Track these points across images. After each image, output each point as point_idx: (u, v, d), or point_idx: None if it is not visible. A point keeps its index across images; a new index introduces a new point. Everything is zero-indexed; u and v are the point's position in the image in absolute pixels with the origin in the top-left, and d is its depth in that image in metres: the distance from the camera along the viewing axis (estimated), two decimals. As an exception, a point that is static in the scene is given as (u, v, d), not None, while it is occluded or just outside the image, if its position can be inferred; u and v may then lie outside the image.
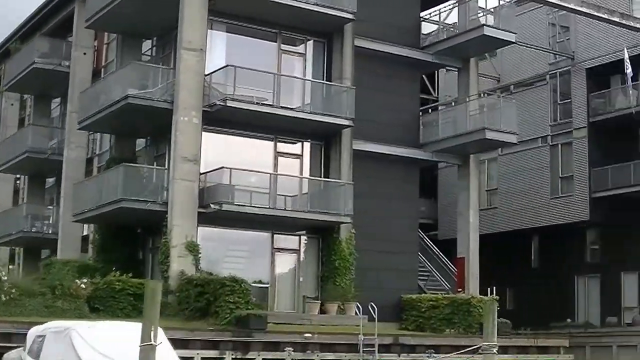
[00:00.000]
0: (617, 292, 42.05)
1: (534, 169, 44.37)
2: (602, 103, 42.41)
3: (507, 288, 45.85)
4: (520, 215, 44.55)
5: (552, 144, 43.86)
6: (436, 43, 35.40)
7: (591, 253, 43.75)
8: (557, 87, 44.16)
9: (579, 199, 42.37)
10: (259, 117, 30.77)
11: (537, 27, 45.27)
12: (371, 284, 32.58)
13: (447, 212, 47.50)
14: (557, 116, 44.09)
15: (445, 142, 34.77)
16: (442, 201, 48.26)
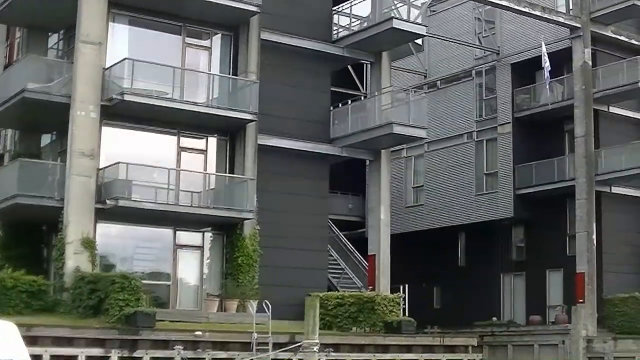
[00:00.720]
0: (542, 290, 42.29)
1: (460, 166, 44.60)
2: (526, 98, 42.65)
3: (435, 286, 46.21)
4: (447, 212, 44.80)
5: (478, 140, 44.13)
6: (347, 37, 35.43)
7: (517, 251, 43.96)
8: (483, 83, 44.42)
9: (503, 195, 42.61)
10: (160, 112, 30.59)
11: (464, 23, 45.55)
12: (278, 281, 32.58)
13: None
14: (482, 112, 44.34)
15: (354, 137, 34.75)
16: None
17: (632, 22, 43.37)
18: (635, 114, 42.17)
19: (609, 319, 39.62)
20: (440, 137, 45.62)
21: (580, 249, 39.24)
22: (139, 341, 26.00)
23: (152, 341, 26.13)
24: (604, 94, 40.37)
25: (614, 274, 40.66)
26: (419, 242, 46.50)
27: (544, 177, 41.34)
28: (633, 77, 39.67)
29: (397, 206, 46.95)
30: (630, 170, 39.33)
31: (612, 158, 40.03)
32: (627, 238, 41.47)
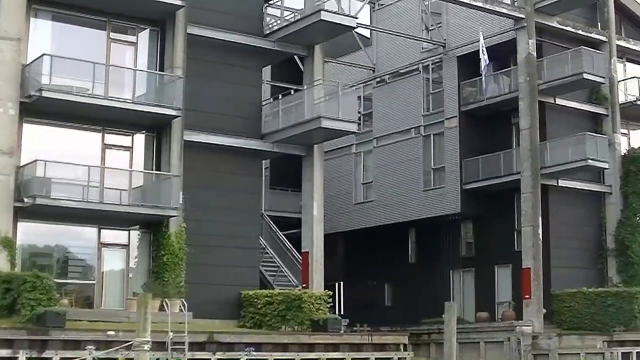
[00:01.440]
0: (491, 287, 42.14)
1: (408, 161, 44.47)
2: (473, 91, 42.51)
3: (386, 283, 46.14)
4: (396, 208, 44.65)
5: (425, 134, 43.98)
6: (278, 30, 35.24)
7: (466, 247, 43.87)
8: (430, 76, 44.32)
9: (450, 191, 42.47)
10: (83, 108, 30.43)
11: (411, 16, 45.44)
12: (208, 279, 32.52)
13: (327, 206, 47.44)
14: (429, 106, 44.22)
15: (285, 133, 34.52)
16: (321, 195, 48.27)
17: (580, 12, 43.42)
18: (582, 105, 42.05)
19: (558, 315, 39.52)
20: (389, 132, 45.51)
21: (526, 244, 39.17)
22: (49, 341, 25.83)
23: (62, 341, 25.95)
24: (549, 85, 40.26)
25: (563, 269, 40.51)
26: (369, 239, 46.44)
27: (491, 172, 41.16)
28: (578, 67, 39.55)
29: (346, 203, 47.01)
30: (575, 162, 39.20)
31: (558, 151, 39.89)
32: (576, 232, 41.34)
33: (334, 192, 47.52)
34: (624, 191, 42.16)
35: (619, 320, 38.11)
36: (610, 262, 41.85)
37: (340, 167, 47.72)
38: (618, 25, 44.80)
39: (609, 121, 42.56)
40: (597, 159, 39.28)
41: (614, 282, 41.35)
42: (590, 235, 42.07)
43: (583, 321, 38.66)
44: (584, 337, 37.42)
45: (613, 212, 42.17)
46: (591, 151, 39.14)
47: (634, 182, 42.03)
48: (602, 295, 38.72)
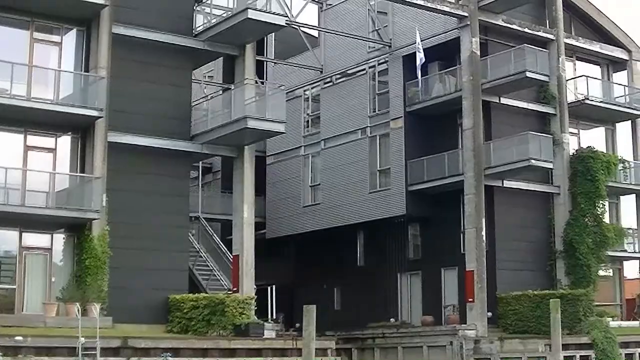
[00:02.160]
0: (438, 289, 41.83)
1: (355, 163, 44.18)
2: (418, 91, 42.24)
3: (335, 287, 45.87)
4: (343, 210, 44.36)
5: (371, 135, 43.70)
6: (208, 29, 34.89)
7: (413, 249, 43.57)
8: (376, 77, 44.07)
9: (396, 192, 42.17)
10: (3, 110, 30.18)
11: (358, 16, 45.18)
12: (135, 283, 32.18)
13: (276, 210, 47.44)
14: (376, 107, 43.96)
15: (213, 133, 34.13)
16: (270, 198, 48.08)
17: (529, 11, 43.25)
18: (529, 104, 41.77)
19: (503, 318, 39.27)
20: (337, 133, 45.24)
21: (469, 246, 38.88)
22: (-47, 347, 25.56)
23: (-33, 348, 25.67)
24: (493, 84, 39.96)
25: (509, 272, 40.27)
26: (319, 242, 46.19)
27: (436, 173, 40.85)
28: (521, 66, 39.27)
29: (295, 206, 46.74)
30: (518, 163, 38.88)
31: (501, 151, 39.62)
32: (523, 234, 41.08)
33: (283, 195, 47.39)
34: (572, 192, 41.89)
35: (563, 324, 37.62)
36: (559, 264, 41.60)
37: (289, 169, 47.49)
38: (568, 23, 44.55)
39: (557, 120, 42.31)
40: (540, 159, 38.93)
41: (563, 284, 41.08)
42: (539, 236, 41.80)
43: (528, 324, 38.42)
44: (526, 340, 37.12)
45: (561, 213, 41.92)
46: (534, 151, 38.81)
47: (582, 182, 41.76)
48: (547, 298, 38.12)
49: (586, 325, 37.57)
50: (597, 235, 41.52)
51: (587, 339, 37.20)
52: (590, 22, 45.57)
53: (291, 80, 47.36)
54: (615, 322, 41.52)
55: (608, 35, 45.81)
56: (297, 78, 47.29)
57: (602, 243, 41.62)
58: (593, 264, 41.17)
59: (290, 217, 46.80)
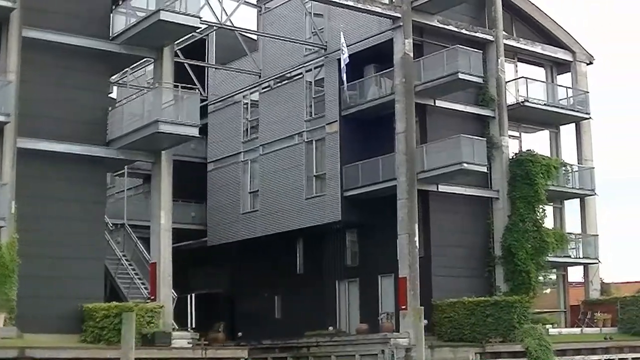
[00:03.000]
0: (375, 297, 40.89)
1: (292, 168, 43.28)
2: (354, 95, 41.46)
3: (276, 295, 45.02)
4: (280, 217, 43.47)
5: (307, 140, 42.85)
6: (123, 32, 34.00)
7: (351, 256, 42.70)
8: (312, 81, 43.26)
9: (331, 198, 41.26)
10: None
11: (296, 19, 44.38)
12: (47, 292, 31.21)
13: (217, 217, 46.66)
14: (312, 111, 43.15)
15: (128, 138, 33.17)
16: (211, 205, 47.28)
17: (467, 11, 42.49)
18: (465, 107, 40.96)
19: (438, 326, 38.37)
20: (275, 139, 44.40)
21: (402, 253, 37.99)
22: None
23: None
24: (426, 86, 39.11)
25: (446, 278, 39.41)
26: (259, 249, 45.35)
27: (371, 178, 40.00)
28: (453, 67, 38.39)
29: (234, 213, 45.93)
30: (450, 167, 38.01)
31: (435, 155, 38.75)
32: (461, 239, 40.23)
33: (224, 202, 46.55)
34: (511, 196, 41.05)
35: (498, 331, 36.98)
36: (498, 270, 40.75)
37: (229, 176, 46.65)
38: (509, 25, 43.77)
39: (496, 123, 41.53)
40: (473, 163, 38.03)
41: (502, 291, 40.23)
42: (478, 242, 40.96)
43: (463, 332, 37.53)
44: (456, 349, 36.22)
45: (500, 218, 41.07)
46: (467, 154, 37.92)
47: (521, 186, 40.92)
48: (481, 305, 37.55)
49: (520, 332, 36.63)
50: (536, 241, 40.65)
51: (520, 347, 36.25)
52: (533, 23, 44.71)
53: (232, 86, 46.60)
54: (555, 329, 40.74)
55: (551, 37, 44.99)
56: (238, 83, 46.47)
57: (542, 249, 40.76)
58: (532, 270, 40.29)
59: (230, 224, 45.97)
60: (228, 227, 46.02)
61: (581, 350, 38.12)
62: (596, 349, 38.64)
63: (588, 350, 38.34)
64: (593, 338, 40.09)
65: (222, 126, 47.52)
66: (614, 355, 38.92)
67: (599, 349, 38.72)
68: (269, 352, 41.67)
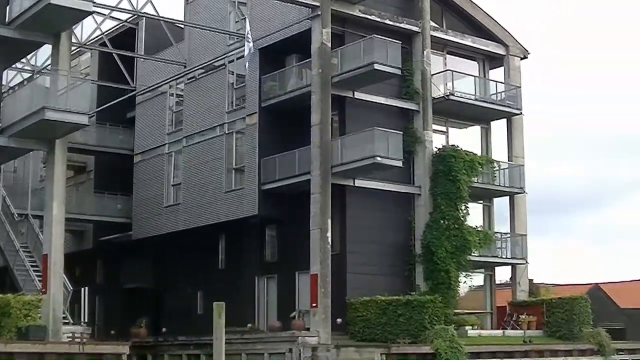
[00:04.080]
0: (292, 294, 38.44)
1: (213, 161, 40.88)
2: (274, 86, 39.05)
3: (199, 291, 42.68)
4: (202, 211, 41.11)
5: (228, 132, 40.45)
6: (17, 17, 31.60)
7: (270, 251, 40.29)
8: (234, 71, 40.86)
9: (249, 192, 38.86)
10: None
11: (221, 8, 41.96)
12: None
13: (142, 210, 44.41)
14: (233, 102, 40.76)
15: (18, 126, 30.96)
16: (137, 198, 44.96)
17: (395, 2, 40.09)
18: (386, 99, 38.51)
19: (352, 325, 35.99)
20: (197, 130, 42.02)
21: (314, 249, 35.59)
22: None
23: None
24: (342, 78, 36.69)
25: (362, 276, 36.99)
26: (182, 243, 42.98)
27: (288, 171, 37.65)
28: (370, 58, 35.96)
29: (158, 206, 43.62)
30: (364, 160, 35.59)
31: (352, 149, 36.34)
32: (381, 236, 37.84)
33: (149, 195, 44.25)
34: (433, 192, 38.61)
35: (409, 332, 34.57)
36: (418, 268, 38.32)
37: (154, 168, 44.32)
38: (440, 16, 41.32)
39: (420, 117, 39.08)
40: (387, 157, 35.57)
41: (421, 290, 37.77)
42: (398, 239, 38.55)
43: (375, 332, 35.14)
44: (361, 349, 33.69)
45: (422, 215, 38.65)
46: (381, 148, 35.47)
47: (443, 182, 38.46)
48: (393, 304, 35.15)
49: (431, 333, 34.15)
50: (457, 239, 38.16)
51: (429, 349, 33.74)
52: (464, 15, 42.10)
53: (160, 77, 44.22)
54: (475, 330, 38.25)
55: (484, 30, 42.41)
56: (166, 74, 44.06)
57: (463, 247, 38.26)
58: (452, 269, 37.83)
59: (154, 217, 43.64)
60: (152, 220, 43.72)
61: (497, 354, 35.49)
62: (514, 353, 36.03)
63: (505, 353, 35.70)
64: (514, 341, 37.50)
65: (148, 117, 45.23)
66: (533, 359, 36.35)
67: (517, 352, 36.12)
68: (184, 348, 39.41)
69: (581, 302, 39.82)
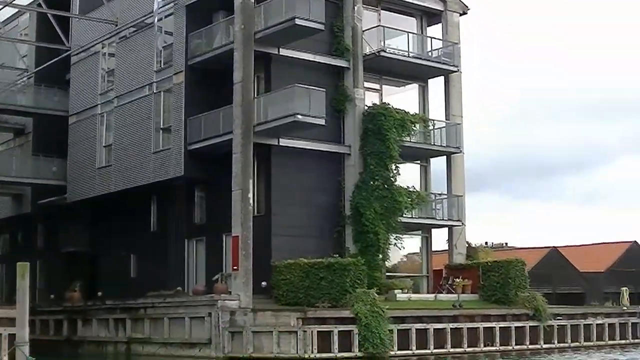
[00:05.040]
0: (220, 256, 36.42)
1: (142, 121, 38.80)
2: (200, 43, 36.83)
3: (132, 254, 40.79)
4: (131, 172, 39.07)
5: (156, 92, 38.27)
6: None
7: (199, 213, 38.28)
8: (162, 29, 38.57)
9: (175, 152, 36.80)
10: None
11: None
12: None
13: (77, 172, 42.45)
14: (162, 61, 38.54)
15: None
16: (72, 160, 42.93)
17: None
18: (314, 56, 36.25)
19: (276, 288, 33.94)
20: (128, 90, 39.83)
21: (235, 210, 33.59)
22: None
23: None
24: (265, 34, 34.46)
25: (289, 238, 35.06)
26: (116, 206, 41.06)
27: (213, 131, 35.55)
28: (292, 13, 33.70)
29: (91, 168, 41.60)
30: (284, 119, 33.46)
31: (274, 107, 34.19)
32: (307, 197, 35.84)
33: (82, 157, 42.27)
34: (363, 152, 36.48)
35: (331, 295, 32.53)
36: (348, 230, 36.28)
37: (87, 129, 42.25)
38: (373, -28, 39.01)
39: (350, 75, 36.87)
40: (308, 115, 33.39)
41: (351, 252, 35.75)
42: (328, 201, 36.54)
43: (299, 295, 33.08)
44: (278, 313, 31.70)
45: (352, 176, 36.58)
46: (302, 106, 33.28)
47: (373, 141, 36.35)
48: (315, 267, 33.08)
49: (352, 297, 32.09)
50: (387, 200, 36.08)
51: (349, 313, 31.64)
52: (401, -31, 39.87)
53: (93, 36, 42.02)
54: (404, 294, 36.20)
55: (421, -16, 40.13)
56: (99, 34, 41.82)
57: (393, 208, 36.18)
58: (382, 231, 35.79)
59: (87, 180, 41.62)
60: (86, 183, 41.74)
61: (423, 318, 33.27)
62: (442, 317, 33.81)
63: (432, 318, 33.45)
64: (444, 305, 35.35)
65: (83, 78, 43.08)
66: (463, 324, 34.14)
67: (446, 317, 33.91)
68: (110, 312, 37.55)
69: (517, 265, 37.51)
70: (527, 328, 35.86)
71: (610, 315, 40.00)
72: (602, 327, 38.86)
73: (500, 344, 34.84)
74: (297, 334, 30.62)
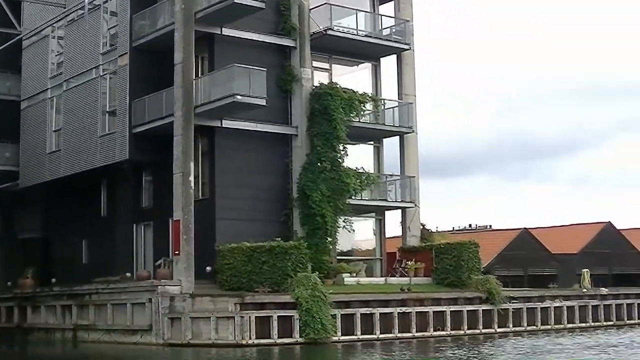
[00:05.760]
0: (166, 241, 35.01)
1: (89, 104, 37.29)
2: (145, 24, 35.36)
3: (83, 239, 39.42)
4: (79, 157, 37.67)
5: (103, 74, 36.81)
6: None
7: (146, 197, 36.90)
8: (108, 10, 37.11)
9: (120, 136, 35.39)
10: None
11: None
12: None
13: (28, 157, 41.08)
14: (108, 43, 37.08)
15: None
16: (24, 145, 41.54)
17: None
18: (258, 36, 34.80)
19: (220, 273, 32.53)
20: (76, 73, 38.38)
21: (176, 194, 32.22)
22: None
23: None
24: (206, 13, 33.00)
25: (232, 222, 33.71)
26: (68, 191, 39.70)
27: (156, 113, 34.11)
28: (231, -10, 32.21)
29: (42, 153, 40.21)
30: (223, 100, 31.98)
31: (215, 88, 32.71)
32: (252, 180, 34.46)
33: (33, 142, 40.85)
34: (310, 133, 35.03)
35: (272, 280, 31.15)
36: (295, 213, 34.87)
37: (38, 114, 40.78)
38: (325, -52, 37.40)
39: (297, 54, 35.37)
40: (249, 95, 31.90)
41: (299, 235, 34.34)
42: (276, 183, 35.19)
43: (241, 280, 31.70)
44: (216, 299, 30.28)
45: (299, 157, 35.16)
46: (241, 86, 31.81)
47: (320, 122, 34.90)
48: (257, 251, 31.70)
49: (293, 282, 30.70)
50: (334, 182, 34.65)
51: (289, 298, 30.26)
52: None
53: (44, 19, 40.60)
54: (352, 278, 34.81)
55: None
56: (49, 16, 40.40)
57: (341, 190, 34.74)
58: (329, 214, 34.37)
59: (39, 165, 40.21)
60: (37, 168, 40.30)
61: (370, 302, 31.78)
62: (390, 302, 32.32)
63: (379, 302, 31.96)
64: (392, 289, 33.89)
65: (34, 62, 41.56)
66: (411, 308, 32.64)
67: (394, 301, 32.42)
68: (58, 299, 36.27)
69: (470, 248, 35.98)
70: (480, 312, 34.36)
71: (570, 298, 38.50)
72: (560, 310, 37.33)
73: (452, 328, 33.35)
74: (235, 319, 29.32)
